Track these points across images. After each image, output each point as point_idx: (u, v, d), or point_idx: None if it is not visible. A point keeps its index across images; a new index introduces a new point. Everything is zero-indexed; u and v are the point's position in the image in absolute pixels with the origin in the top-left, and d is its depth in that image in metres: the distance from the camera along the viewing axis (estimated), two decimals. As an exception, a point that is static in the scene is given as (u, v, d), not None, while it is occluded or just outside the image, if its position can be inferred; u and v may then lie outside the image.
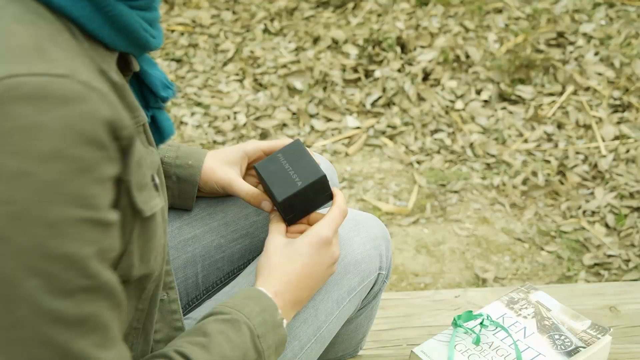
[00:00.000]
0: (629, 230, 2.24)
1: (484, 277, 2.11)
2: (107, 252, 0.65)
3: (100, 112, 0.61)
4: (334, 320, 1.08)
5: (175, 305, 0.90)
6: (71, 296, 0.62)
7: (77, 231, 0.61)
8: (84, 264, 0.62)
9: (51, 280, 0.61)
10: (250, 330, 0.83)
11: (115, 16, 0.68)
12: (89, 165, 0.61)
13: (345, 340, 1.27)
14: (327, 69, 2.98)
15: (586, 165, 2.50)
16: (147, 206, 0.71)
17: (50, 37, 0.63)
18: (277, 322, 0.88)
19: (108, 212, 0.64)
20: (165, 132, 0.89)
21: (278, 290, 0.91)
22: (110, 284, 0.65)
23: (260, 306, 0.87)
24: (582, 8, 3.24)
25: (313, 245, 0.95)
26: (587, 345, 1.23)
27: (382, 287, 1.18)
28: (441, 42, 3.06)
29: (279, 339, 0.88)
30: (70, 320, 0.62)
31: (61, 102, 0.59)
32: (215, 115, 2.81)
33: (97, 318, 0.64)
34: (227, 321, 0.83)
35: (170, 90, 0.85)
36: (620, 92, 2.80)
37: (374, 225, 1.16)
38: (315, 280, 0.95)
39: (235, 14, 3.41)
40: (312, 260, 0.94)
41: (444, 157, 2.58)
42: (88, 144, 0.60)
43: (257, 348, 0.83)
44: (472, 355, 1.21)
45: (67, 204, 0.60)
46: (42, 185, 0.59)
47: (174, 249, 1.13)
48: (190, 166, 1.09)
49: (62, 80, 0.60)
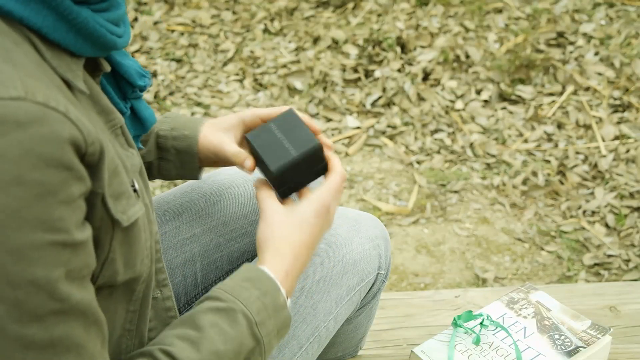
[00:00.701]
0: (629, 230, 2.24)
1: (484, 277, 2.11)
2: (79, 271, 0.63)
3: (61, 132, 0.59)
4: (333, 320, 1.08)
5: (170, 302, 0.89)
6: (41, 320, 0.60)
7: (43, 255, 0.60)
8: (52, 287, 0.60)
9: (18, 307, 0.59)
10: (248, 319, 0.79)
11: (79, 24, 0.66)
12: (52, 189, 0.59)
13: (344, 340, 1.27)
14: (327, 69, 2.98)
15: (586, 165, 2.50)
16: (125, 216, 0.70)
17: (3, 53, 0.60)
18: (279, 305, 0.83)
19: (77, 231, 0.62)
20: (147, 121, 0.88)
21: (289, 269, 0.86)
22: (83, 304, 0.64)
23: (260, 289, 0.82)
24: (582, 8, 3.24)
25: (319, 213, 0.89)
26: (587, 345, 1.23)
27: (381, 287, 1.18)
28: (441, 42, 3.06)
29: (281, 322, 0.83)
30: (40, 345, 0.61)
31: (17, 126, 0.57)
32: (215, 115, 2.81)
33: (70, 339, 0.63)
34: (222, 311, 0.79)
35: (146, 78, 0.83)
36: (620, 92, 2.80)
37: (373, 225, 1.16)
38: (313, 249, 0.90)
39: (235, 14, 3.41)
40: (317, 229, 0.89)
41: (444, 157, 2.57)
42: (50, 167, 0.59)
43: (255, 336, 0.79)
44: (472, 355, 1.21)
45: (31, 229, 0.59)
46: (2, 213, 0.57)
47: (172, 249, 1.13)
48: (186, 137, 1.05)
49: (16, 103, 0.57)
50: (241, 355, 0.78)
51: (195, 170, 1.07)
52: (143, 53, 3.17)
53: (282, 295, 0.83)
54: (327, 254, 1.08)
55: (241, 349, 0.78)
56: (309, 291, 1.05)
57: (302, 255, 0.87)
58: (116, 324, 0.76)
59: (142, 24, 3.30)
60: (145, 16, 3.36)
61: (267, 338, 0.81)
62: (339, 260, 1.09)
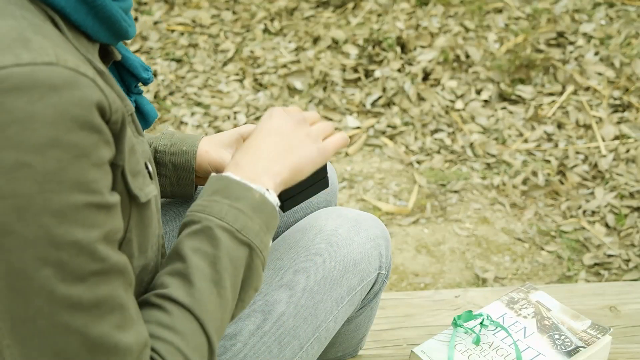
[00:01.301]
0: (629, 230, 2.24)
1: (484, 277, 2.11)
2: (113, 234, 0.65)
3: (91, 96, 0.61)
4: (334, 320, 1.08)
5: None
6: (84, 281, 0.62)
7: (82, 216, 0.61)
8: (93, 248, 0.62)
9: (63, 268, 0.61)
10: (228, 230, 0.77)
11: (98, 6, 0.69)
12: (86, 151, 0.61)
13: (345, 340, 1.27)
14: (327, 69, 2.98)
15: (586, 165, 2.50)
16: (142, 192, 0.72)
17: (33, 27, 0.63)
18: (256, 202, 0.80)
19: (109, 195, 0.64)
20: (149, 115, 0.90)
21: (239, 160, 0.85)
22: (121, 264, 0.66)
23: (230, 197, 0.79)
24: (582, 8, 3.24)
25: (264, 118, 0.90)
26: (587, 345, 1.23)
27: (381, 287, 1.18)
28: (441, 42, 3.06)
29: (266, 216, 0.81)
30: (86, 305, 0.62)
31: (51, 90, 0.59)
32: (215, 115, 2.81)
33: (113, 299, 0.64)
34: (200, 232, 0.77)
35: (149, 72, 0.86)
36: (620, 92, 2.80)
37: (374, 225, 1.16)
38: (281, 133, 0.88)
39: (235, 14, 3.41)
40: (266, 125, 0.89)
41: (444, 157, 2.57)
42: (83, 129, 0.60)
43: (243, 242, 0.78)
44: (472, 355, 1.21)
45: (69, 190, 0.60)
46: (42, 175, 0.59)
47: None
48: (184, 152, 1.07)
49: (49, 67, 0.59)
50: (239, 267, 0.78)
51: (190, 187, 1.09)
52: (143, 53, 3.17)
53: (256, 191, 0.81)
54: (327, 254, 1.08)
55: (235, 262, 0.77)
56: (310, 291, 1.05)
57: (255, 145, 0.86)
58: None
59: (142, 24, 3.30)
60: (145, 16, 3.36)
61: (257, 239, 0.79)
62: (339, 260, 1.09)
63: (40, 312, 0.61)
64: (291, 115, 0.90)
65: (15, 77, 0.58)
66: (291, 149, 0.88)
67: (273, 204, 0.82)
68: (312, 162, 0.90)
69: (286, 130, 0.89)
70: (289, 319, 1.02)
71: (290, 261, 1.06)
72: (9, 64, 0.58)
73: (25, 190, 0.59)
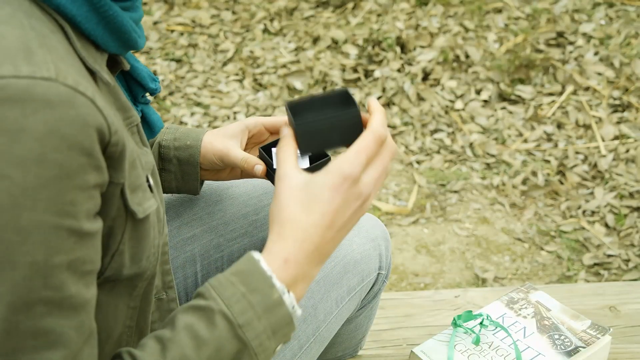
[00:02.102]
0: (629, 230, 2.24)
1: (483, 277, 2.11)
2: (81, 264, 0.62)
3: (86, 117, 0.60)
4: (334, 320, 1.08)
5: (174, 304, 0.89)
6: (30, 308, 0.60)
7: (48, 238, 0.59)
8: (50, 273, 0.60)
9: (12, 290, 0.59)
10: (229, 320, 0.70)
11: (109, 16, 0.68)
12: (70, 172, 0.59)
13: (345, 340, 1.27)
14: (326, 69, 2.98)
15: (586, 165, 2.50)
16: (141, 208, 0.70)
17: (39, 38, 0.62)
18: (272, 303, 0.72)
19: (86, 221, 0.62)
20: (155, 126, 0.89)
21: (289, 256, 0.73)
22: (78, 299, 0.62)
23: (248, 286, 0.72)
24: (582, 8, 3.24)
25: (335, 188, 0.73)
26: (587, 345, 1.23)
27: (381, 287, 1.18)
28: (441, 42, 3.06)
29: (277, 320, 0.72)
30: (23, 333, 0.60)
31: (45, 106, 0.58)
32: (215, 115, 2.81)
33: (56, 335, 0.61)
34: (201, 310, 0.71)
35: (156, 82, 0.85)
36: (620, 92, 2.80)
37: (374, 225, 1.16)
38: (340, 229, 0.76)
39: (235, 14, 3.41)
40: (334, 207, 0.74)
41: (444, 157, 2.58)
42: (71, 150, 0.59)
43: (239, 338, 0.71)
44: (472, 355, 1.21)
45: (41, 210, 0.59)
46: (18, 190, 0.58)
47: (173, 249, 1.13)
48: (189, 146, 1.06)
49: (47, 83, 0.59)
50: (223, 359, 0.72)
51: (195, 182, 1.08)
52: (143, 53, 3.17)
53: (276, 291, 0.72)
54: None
55: (220, 354, 0.71)
56: (310, 291, 1.05)
57: (313, 240, 0.74)
58: (118, 320, 0.76)
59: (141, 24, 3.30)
60: (145, 16, 3.36)
61: (256, 341, 0.71)
62: (339, 260, 1.09)
63: None
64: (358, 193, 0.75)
65: (11, 89, 0.57)
66: (337, 244, 0.78)
67: (288, 310, 0.73)
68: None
69: (345, 223, 0.76)
70: None
71: None
72: (7, 74, 0.58)
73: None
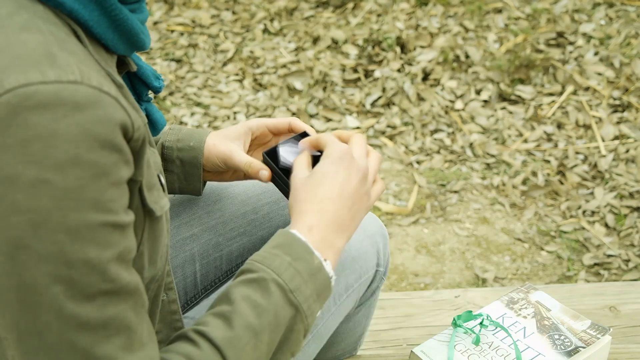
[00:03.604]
0: (629, 230, 2.24)
1: (484, 277, 2.11)
2: (126, 254, 0.65)
3: (113, 115, 0.62)
4: (331, 317, 1.08)
5: (175, 305, 0.90)
6: (93, 300, 0.62)
7: (97, 236, 0.62)
8: (104, 268, 0.62)
9: (73, 286, 0.61)
10: (281, 287, 0.77)
11: (120, 20, 0.70)
12: (105, 170, 0.61)
13: (344, 339, 1.27)
14: (326, 69, 2.98)
15: (586, 165, 2.50)
16: (158, 206, 0.72)
17: (59, 42, 0.63)
18: (314, 268, 0.80)
19: (125, 214, 0.65)
20: (158, 123, 0.90)
21: (313, 223, 0.83)
22: (132, 285, 0.66)
23: (292, 255, 0.80)
24: (582, 8, 3.24)
25: (335, 162, 0.87)
26: (586, 345, 1.23)
27: (379, 284, 1.18)
28: (441, 42, 3.06)
29: (319, 284, 0.81)
30: (94, 325, 0.63)
31: (75, 109, 0.60)
32: (215, 115, 2.81)
33: (121, 321, 0.64)
34: (254, 281, 0.78)
35: (160, 80, 0.86)
36: (620, 92, 2.80)
37: (371, 222, 1.16)
38: (350, 198, 0.87)
39: (235, 14, 3.41)
40: (338, 178, 0.86)
41: (444, 157, 2.57)
42: (104, 149, 0.61)
43: (292, 303, 0.78)
44: (472, 355, 1.21)
45: (86, 209, 0.61)
46: (61, 192, 0.59)
47: (172, 248, 1.13)
48: (192, 148, 1.06)
49: (74, 86, 0.60)
50: (281, 325, 0.77)
51: (198, 183, 1.08)
52: (143, 53, 3.17)
53: (317, 258, 0.81)
54: None
55: (279, 319, 0.77)
56: None
57: (330, 207, 0.85)
58: None
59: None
60: (145, 16, 3.36)
61: (305, 304, 0.79)
62: None
63: (48, 327, 0.61)
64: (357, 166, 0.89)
65: (40, 95, 0.59)
66: (354, 218, 0.88)
67: (329, 275, 0.82)
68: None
69: (353, 193, 0.87)
70: None
71: None
72: (35, 81, 0.59)
73: (42, 207, 0.59)
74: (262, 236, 1.16)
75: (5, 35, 0.62)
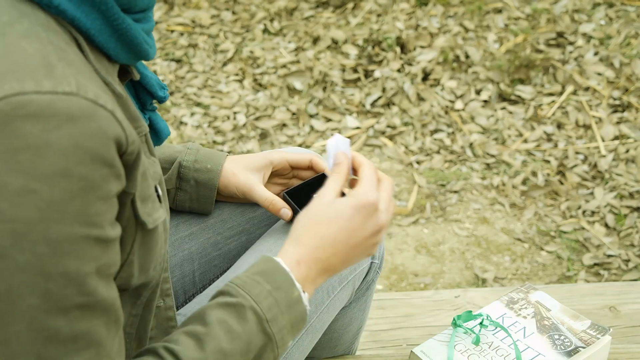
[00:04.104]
0: (629, 230, 2.24)
1: (483, 277, 2.11)
2: (107, 268, 0.65)
3: (107, 129, 0.61)
4: (325, 310, 1.07)
5: (171, 312, 0.89)
6: (67, 313, 0.62)
7: (78, 249, 0.61)
8: (82, 281, 0.62)
9: (49, 298, 0.60)
10: (258, 315, 0.77)
11: (122, 29, 0.69)
12: (94, 184, 0.61)
13: (341, 335, 1.26)
14: (326, 69, 2.98)
15: (586, 165, 2.50)
16: (151, 218, 0.71)
17: (58, 51, 0.63)
18: (293, 300, 0.80)
19: (110, 228, 0.64)
20: (162, 133, 0.90)
21: (303, 258, 0.82)
22: (108, 301, 0.65)
23: (273, 284, 0.79)
24: (582, 8, 3.24)
25: (357, 209, 0.84)
26: (586, 345, 1.23)
27: (375, 277, 1.18)
28: (441, 42, 3.06)
29: (295, 316, 0.81)
30: (63, 338, 0.62)
31: (68, 121, 0.59)
32: (215, 116, 2.81)
33: (91, 336, 0.64)
34: (231, 306, 0.77)
35: (165, 90, 0.86)
36: (620, 92, 2.80)
37: None
38: (353, 247, 0.85)
39: (235, 14, 3.41)
40: (352, 224, 0.84)
41: (444, 157, 2.57)
42: (95, 162, 0.60)
43: (266, 332, 0.78)
44: (471, 355, 1.21)
45: (70, 222, 0.60)
46: (46, 204, 0.59)
47: (170, 247, 1.13)
48: (209, 170, 1.07)
49: (69, 98, 0.59)
50: (250, 352, 0.77)
51: (210, 206, 1.09)
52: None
53: (297, 290, 0.81)
54: None
55: (250, 347, 0.77)
56: None
57: (328, 248, 0.83)
58: None
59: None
60: (145, 16, 3.36)
61: (279, 334, 0.79)
62: None
63: (17, 337, 0.61)
64: (376, 221, 0.85)
65: (34, 105, 0.58)
66: (346, 264, 0.86)
67: (305, 307, 0.82)
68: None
69: (358, 245, 0.85)
70: None
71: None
72: (29, 90, 0.58)
73: (26, 217, 0.59)
74: (261, 234, 1.16)
75: (5, 42, 0.62)
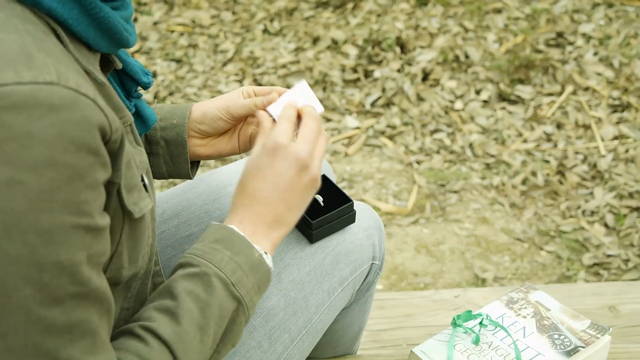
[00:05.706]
0: (629, 230, 2.24)
1: (483, 277, 2.11)
2: (98, 257, 0.65)
3: (90, 117, 0.61)
4: (326, 311, 1.07)
5: None
6: (61, 304, 0.62)
7: (69, 238, 0.61)
8: (75, 270, 0.62)
9: (42, 289, 0.60)
10: (223, 281, 0.78)
11: (100, 18, 0.69)
12: (81, 172, 0.61)
13: (341, 336, 1.27)
14: (326, 69, 2.98)
15: (585, 165, 2.50)
16: (137, 207, 0.71)
17: (36, 42, 0.62)
18: (255, 261, 0.81)
19: (99, 217, 0.64)
20: (149, 119, 0.90)
21: (243, 217, 0.83)
22: (101, 290, 0.65)
23: (232, 250, 0.80)
24: (582, 8, 3.24)
25: (269, 153, 0.84)
26: (586, 345, 1.23)
27: (375, 278, 1.17)
28: (441, 42, 3.06)
29: (260, 276, 0.82)
30: (59, 328, 0.62)
31: (50, 110, 0.59)
32: (215, 116, 2.81)
33: (87, 325, 0.64)
34: (196, 276, 0.78)
35: (149, 75, 0.85)
36: (619, 92, 2.80)
37: (367, 215, 1.15)
38: (286, 191, 0.84)
39: (235, 14, 3.41)
40: (272, 171, 0.83)
41: (444, 157, 2.58)
42: (80, 151, 0.60)
43: (234, 296, 0.79)
44: (471, 355, 1.21)
45: (59, 211, 0.60)
46: (35, 194, 0.59)
47: (170, 247, 1.13)
48: (175, 125, 1.02)
49: (50, 87, 0.59)
50: (224, 318, 0.78)
51: (185, 164, 1.04)
52: (143, 53, 3.17)
53: (257, 251, 0.82)
54: (317, 245, 1.08)
55: (222, 313, 0.77)
56: (300, 283, 1.05)
57: (261, 200, 0.83)
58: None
59: (141, 25, 3.30)
60: (145, 16, 3.36)
61: (247, 296, 0.80)
62: (330, 250, 1.08)
63: (14, 330, 0.61)
64: (295, 157, 0.84)
65: (15, 96, 0.58)
66: (292, 209, 0.85)
67: (269, 267, 0.83)
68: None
69: (290, 186, 0.84)
70: (278, 313, 1.02)
71: (280, 253, 1.06)
72: (10, 81, 0.58)
73: (15, 208, 0.58)
74: None
75: None
